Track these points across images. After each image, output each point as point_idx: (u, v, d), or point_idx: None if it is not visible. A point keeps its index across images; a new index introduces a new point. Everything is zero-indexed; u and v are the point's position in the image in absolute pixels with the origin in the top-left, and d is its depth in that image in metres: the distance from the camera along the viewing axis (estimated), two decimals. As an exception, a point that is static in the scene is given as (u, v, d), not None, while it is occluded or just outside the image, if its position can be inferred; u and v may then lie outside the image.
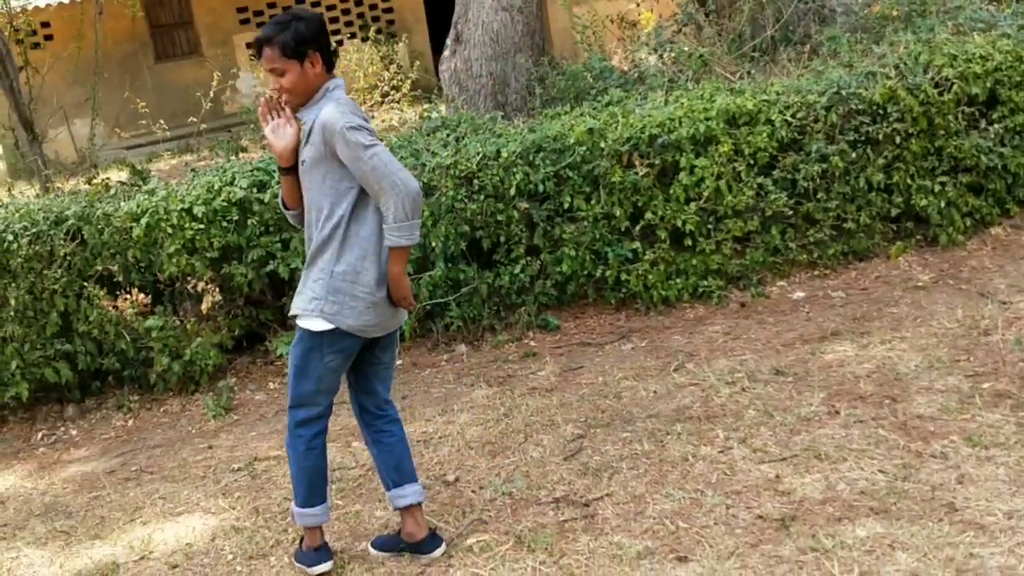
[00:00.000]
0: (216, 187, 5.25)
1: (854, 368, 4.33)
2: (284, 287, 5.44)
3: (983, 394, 3.90)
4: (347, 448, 4.38)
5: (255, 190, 5.26)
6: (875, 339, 4.59)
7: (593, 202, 5.36)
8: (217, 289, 5.24)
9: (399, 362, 5.42)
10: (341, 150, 3.03)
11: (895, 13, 7.04)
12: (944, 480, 3.34)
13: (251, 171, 5.36)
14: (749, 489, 3.48)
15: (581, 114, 5.77)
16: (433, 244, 5.28)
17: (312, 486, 3.32)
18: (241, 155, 6.96)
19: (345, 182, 3.09)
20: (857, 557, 2.99)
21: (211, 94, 10.67)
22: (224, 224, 5.21)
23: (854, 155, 5.48)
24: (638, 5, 8.99)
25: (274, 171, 5.38)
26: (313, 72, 3.12)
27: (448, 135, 5.85)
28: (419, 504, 3.40)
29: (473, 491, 3.80)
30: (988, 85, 5.64)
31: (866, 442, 3.66)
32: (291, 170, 3.23)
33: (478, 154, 5.35)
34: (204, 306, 5.18)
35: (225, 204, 5.19)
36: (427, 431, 4.42)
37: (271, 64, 3.11)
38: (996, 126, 5.70)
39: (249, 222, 5.24)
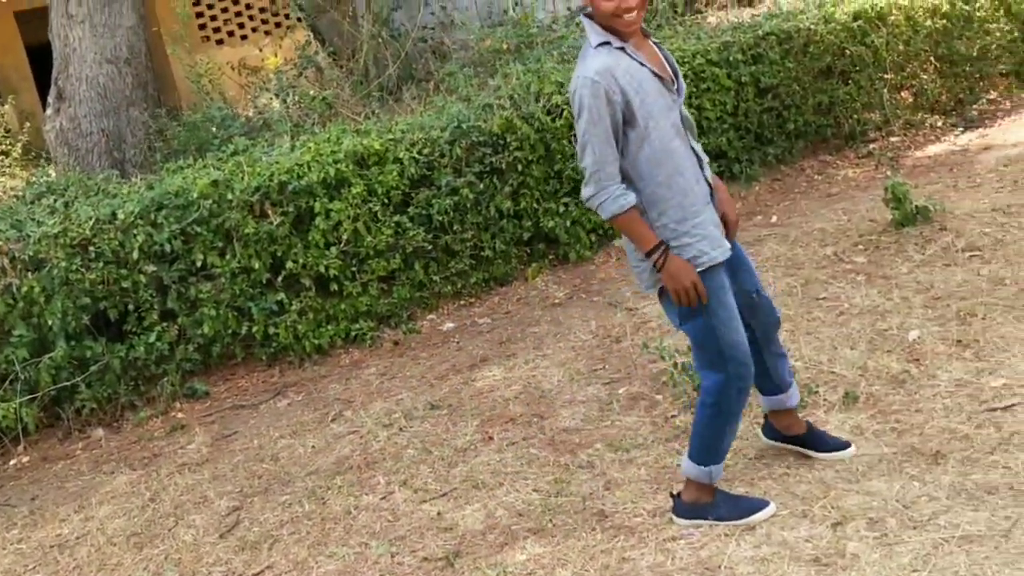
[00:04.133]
0: None
1: (503, 391, 4.42)
2: None
3: (620, 399, 4.12)
4: None
5: None
6: (520, 360, 4.73)
7: (228, 257, 5.10)
8: None
9: (25, 459, 4.82)
10: None
11: (505, 46, 7.41)
12: (593, 489, 3.46)
13: None
14: (413, 532, 3.42)
15: (204, 166, 5.49)
16: (50, 322, 4.76)
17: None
18: None
19: None
20: (521, 582, 3.01)
21: None
22: None
23: (482, 185, 5.66)
24: (260, 51, 8.79)
25: None
26: None
27: (55, 200, 5.33)
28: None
29: (118, 593, 3.41)
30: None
31: (519, 463, 3.73)
32: None
33: (91, 218, 4.90)
34: None
35: None
36: (62, 533, 3.94)
37: None
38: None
39: None
